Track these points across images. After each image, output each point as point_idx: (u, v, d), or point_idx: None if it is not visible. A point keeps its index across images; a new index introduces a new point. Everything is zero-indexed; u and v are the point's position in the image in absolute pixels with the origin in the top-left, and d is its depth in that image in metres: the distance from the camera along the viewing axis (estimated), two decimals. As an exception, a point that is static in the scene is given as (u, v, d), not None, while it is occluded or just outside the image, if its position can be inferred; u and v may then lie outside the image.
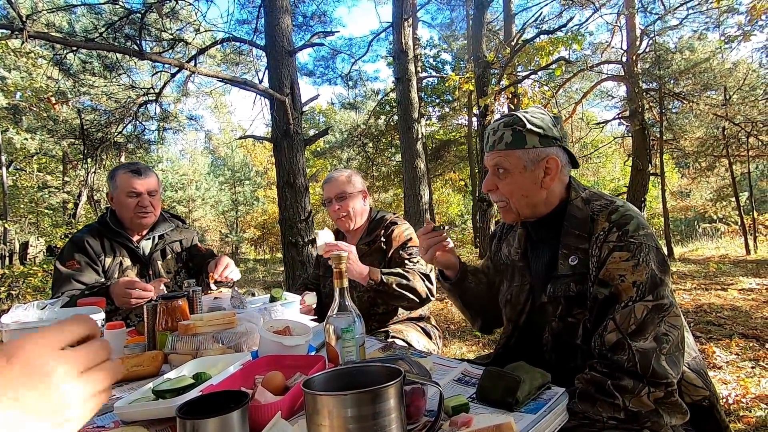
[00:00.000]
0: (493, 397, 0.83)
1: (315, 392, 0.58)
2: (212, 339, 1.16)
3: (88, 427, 0.84)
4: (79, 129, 7.22)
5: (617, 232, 0.98)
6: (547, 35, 7.37)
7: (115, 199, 1.86)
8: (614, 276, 0.95)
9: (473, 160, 13.27)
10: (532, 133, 1.06)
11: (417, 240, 1.84)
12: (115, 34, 4.94)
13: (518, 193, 1.09)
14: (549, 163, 1.07)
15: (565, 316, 1.05)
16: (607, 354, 0.91)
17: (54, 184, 12.54)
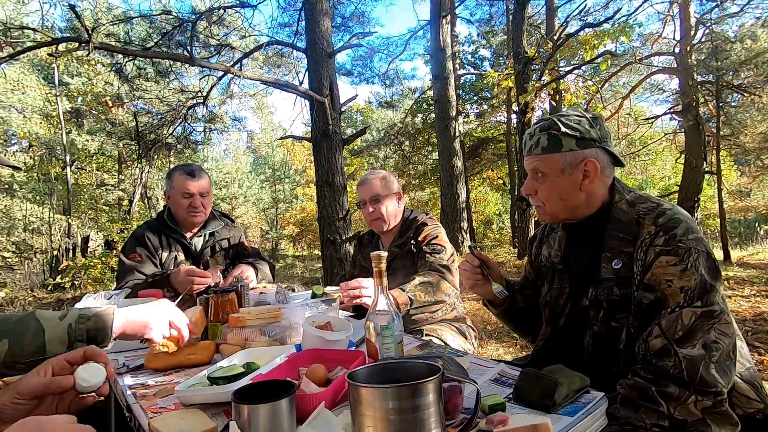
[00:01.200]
0: (530, 398, 0.84)
1: (359, 384, 0.62)
2: (259, 332, 1.24)
3: (152, 407, 0.93)
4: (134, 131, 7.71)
5: (664, 236, 0.96)
6: (591, 28, 7.09)
7: (171, 198, 2.01)
8: (661, 281, 0.94)
9: (512, 158, 12.98)
10: (568, 136, 1.06)
11: (443, 239, 1.85)
12: (168, 42, 5.25)
13: (556, 196, 1.09)
14: (587, 166, 1.06)
15: (608, 320, 1.04)
16: (651, 360, 0.90)
17: (110, 182, 13.44)
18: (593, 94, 8.81)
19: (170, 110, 7.12)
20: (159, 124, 7.10)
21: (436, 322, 1.89)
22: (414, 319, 1.84)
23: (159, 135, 6.90)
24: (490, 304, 1.34)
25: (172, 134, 7.42)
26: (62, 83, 10.90)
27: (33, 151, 12.09)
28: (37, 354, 0.83)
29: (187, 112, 6.86)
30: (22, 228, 11.19)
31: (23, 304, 7.27)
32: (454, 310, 1.94)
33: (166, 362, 1.17)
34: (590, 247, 1.11)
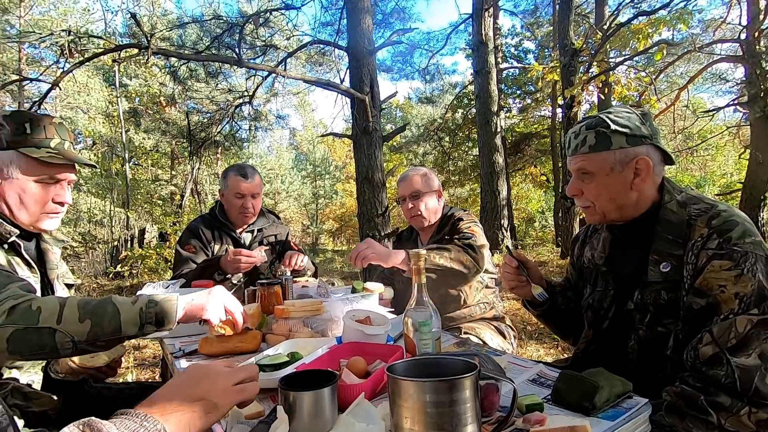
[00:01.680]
0: (569, 400, 0.84)
1: (398, 377, 0.65)
2: (302, 323, 1.30)
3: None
4: (186, 129, 8.15)
5: (718, 239, 0.92)
6: (646, 16, 6.70)
7: (225, 197, 2.14)
8: (713, 286, 0.90)
9: (556, 154, 12.54)
10: (618, 134, 1.02)
11: (475, 229, 1.83)
12: (218, 45, 5.51)
13: (605, 196, 1.05)
14: (639, 164, 1.02)
15: (655, 325, 1.01)
16: (701, 368, 0.87)
17: (164, 177, 14.27)
18: (646, 86, 8.32)
19: (219, 109, 7.48)
20: (208, 123, 7.48)
21: (474, 320, 1.89)
22: (451, 316, 1.85)
23: (208, 133, 7.27)
24: (530, 305, 1.33)
25: (220, 132, 7.78)
26: (122, 85, 11.68)
27: (96, 148, 13.06)
28: (114, 334, 0.94)
29: (234, 110, 7.16)
30: (87, 220, 12.13)
31: (88, 290, 7.90)
32: (493, 308, 1.93)
33: (217, 349, 1.25)
34: (636, 249, 1.08)
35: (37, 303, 0.91)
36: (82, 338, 0.91)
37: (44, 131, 1.18)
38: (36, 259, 1.26)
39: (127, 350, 3.91)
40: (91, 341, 0.92)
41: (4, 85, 6.69)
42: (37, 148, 1.15)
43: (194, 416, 0.65)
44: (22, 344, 0.88)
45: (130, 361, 3.63)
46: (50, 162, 1.16)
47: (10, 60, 11.32)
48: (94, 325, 0.91)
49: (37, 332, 0.88)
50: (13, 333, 0.87)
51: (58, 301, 0.94)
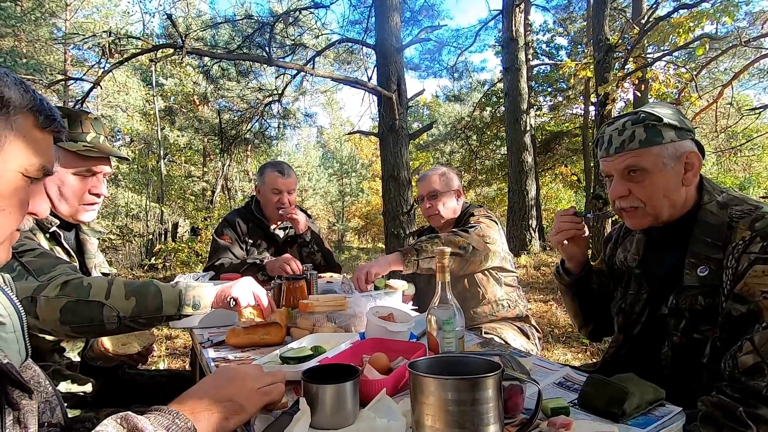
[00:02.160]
0: (596, 405, 0.81)
1: (420, 374, 0.64)
2: (326, 318, 1.31)
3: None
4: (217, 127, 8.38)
5: (762, 242, 0.87)
6: (687, 9, 6.39)
7: (261, 192, 2.20)
8: (755, 292, 0.85)
9: (588, 154, 12.16)
10: (669, 127, 0.98)
11: (483, 220, 1.79)
12: (249, 44, 5.63)
13: (659, 193, 0.99)
14: (690, 158, 0.98)
15: (690, 331, 0.97)
16: (740, 378, 0.83)
17: (196, 174, 14.73)
18: (686, 82, 7.95)
19: (249, 107, 7.65)
20: (239, 121, 7.67)
21: (496, 320, 1.86)
22: (472, 315, 1.83)
23: (239, 131, 7.45)
24: (565, 273, 1.25)
25: (250, 130, 7.96)
26: (158, 84, 12.13)
27: (133, 145, 13.61)
28: (156, 312, 1.01)
29: (264, 108, 7.31)
30: (124, 214, 12.67)
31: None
32: (516, 307, 1.89)
33: (243, 340, 1.28)
34: (672, 252, 1.03)
35: (87, 280, 0.99)
36: (126, 314, 0.97)
37: (81, 126, 1.25)
38: (75, 249, 1.32)
39: (159, 340, 4.07)
40: (134, 317, 0.98)
41: (50, 84, 7.07)
42: (74, 142, 1.22)
43: (222, 416, 0.68)
44: (73, 315, 0.94)
45: (162, 350, 3.77)
46: (87, 155, 1.23)
47: (57, 61, 11.94)
48: (139, 302, 0.98)
49: (87, 305, 0.95)
50: (66, 304, 0.94)
51: (106, 279, 1.02)
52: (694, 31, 6.15)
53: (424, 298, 1.90)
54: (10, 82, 0.56)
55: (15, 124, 0.55)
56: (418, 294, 1.94)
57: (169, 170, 14.25)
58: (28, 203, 0.60)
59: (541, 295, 5.73)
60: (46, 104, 0.59)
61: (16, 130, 0.55)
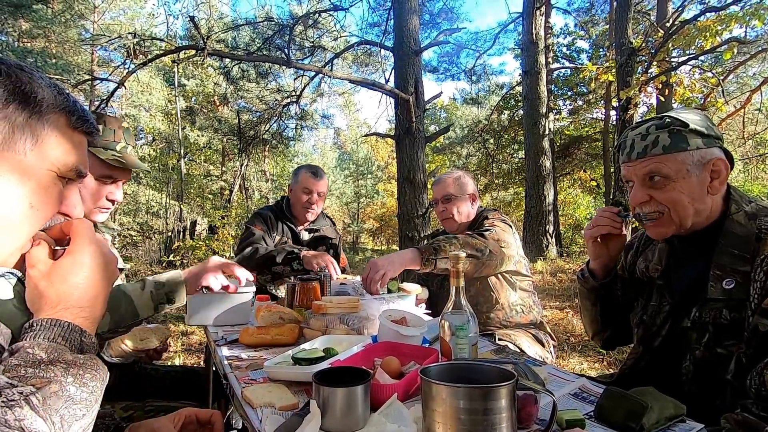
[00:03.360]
0: (613, 418, 0.79)
1: (432, 380, 0.63)
2: (339, 320, 1.31)
3: (245, 377, 1.04)
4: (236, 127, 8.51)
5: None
6: (715, 12, 6.22)
7: (293, 192, 2.27)
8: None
9: (608, 159, 11.93)
10: (695, 133, 0.95)
11: (498, 224, 1.77)
12: (268, 46, 5.71)
13: (684, 200, 0.96)
14: (716, 165, 0.95)
15: (714, 345, 0.93)
16: (767, 396, 0.80)
17: (215, 173, 14.98)
18: (713, 87, 7.73)
19: (267, 108, 7.75)
20: (257, 121, 7.78)
21: (510, 326, 1.83)
22: (485, 320, 1.81)
23: (257, 131, 7.55)
24: (590, 275, 1.22)
25: (268, 131, 8.06)
26: (180, 85, 12.39)
27: (155, 144, 13.93)
28: (133, 318, 1.06)
29: (282, 110, 7.39)
30: (145, 211, 12.96)
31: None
32: (531, 312, 1.86)
33: (256, 340, 1.29)
34: (696, 263, 1.00)
35: None
36: (104, 329, 1.02)
37: (113, 134, 1.29)
38: None
39: (175, 336, 4.14)
40: (113, 329, 1.03)
41: (77, 84, 7.30)
42: (105, 150, 1.25)
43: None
44: None
45: (178, 346, 3.83)
46: (113, 164, 1.26)
47: (84, 61, 12.31)
48: (113, 317, 1.02)
49: None
50: None
51: None
52: (722, 34, 5.98)
53: (437, 301, 1.89)
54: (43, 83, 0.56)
55: (48, 122, 0.56)
56: (430, 298, 1.93)
57: (189, 169, 14.53)
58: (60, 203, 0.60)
59: (557, 302, 5.63)
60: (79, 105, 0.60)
61: (49, 128, 0.56)
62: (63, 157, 0.57)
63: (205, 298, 1.47)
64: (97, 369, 0.53)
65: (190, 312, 1.48)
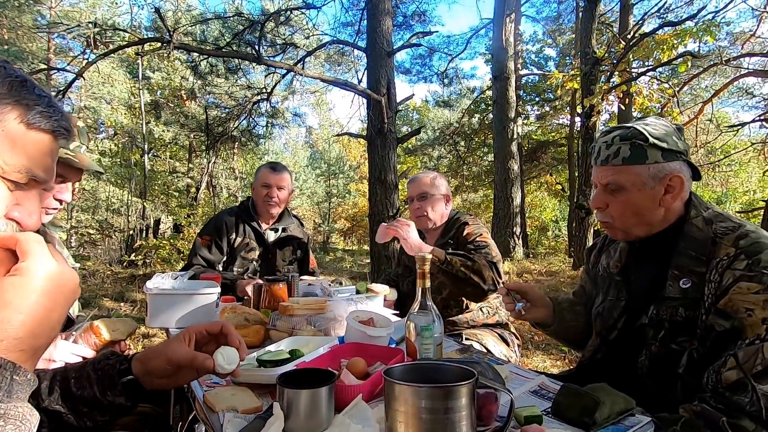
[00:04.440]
0: (569, 414, 0.82)
1: (395, 381, 0.64)
2: (306, 321, 1.30)
3: (207, 381, 1.01)
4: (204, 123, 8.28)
5: (747, 260, 0.89)
6: (671, 27, 6.57)
7: (254, 189, 2.23)
8: (739, 308, 0.87)
9: (573, 163, 12.38)
10: (655, 148, 0.98)
11: (487, 237, 1.85)
12: (238, 42, 5.58)
13: (630, 211, 1.02)
14: (672, 181, 1.00)
15: (669, 342, 0.98)
16: (724, 393, 0.85)
17: (181, 170, 14.48)
18: (669, 97, 8.16)
19: (237, 105, 7.57)
20: (226, 118, 7.58)
21: (476, 326, 1.87)
22: (453, 320, 1.84)
23: (226, 128, 7.36)
24: (539, 326, 1.30)
25: (237, 128, 7.88)
26: (145, 77, 11.91)
27: (117, 138, 13.33)
28: None
29: (252, 107, 7.24)
30: (105, 208, 12.39)
31: (103, 276, 8.06)
32: (496, 314, 1.91)
33: (221, 342, 1.26)
34: (655, 263, 1.05)
35: None
36: None
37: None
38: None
39: (136, 338, 3.98)
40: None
41: (31, 73, 6.88)
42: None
43: None
44: None
45: (139, 348, 3.69)
46: (65, 164, 1.20)
47: (39, 49, 11.63)
48: None
49: None
50: None
51: None
52: (678, 48, 6.33)
53: (408, 302, 1.91)
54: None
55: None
56: (401, 298, 1.95)
57: (153, 165, 13.98)
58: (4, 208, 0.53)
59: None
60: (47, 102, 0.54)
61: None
62: (8, 156, 0.51)
63: (167, 299, 1.43)
64: (23, 420, 0.43)
65: (151, 313, 1.43)
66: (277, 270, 2.17)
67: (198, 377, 0.82)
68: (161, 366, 0.76)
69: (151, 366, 0.77)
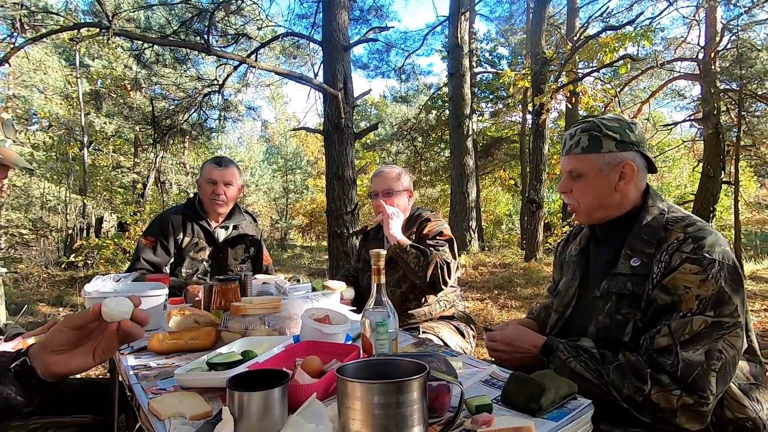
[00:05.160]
0: (516, 401, 0.86)
1: (347, 378, 0.64)
2: (259, 321, 1.27)
3: (153, 388, 0.96)
4: (150, 116, 7.83)
5: (693, 244, 1.00)
6: (613, 31, 6.97)
7: (200, 186, 2.11)
8: (680, 286, 0.97)
9: (524, 159, 12.88)
10: (609, 138, 1.10)
11: (447, 234, 1.91)
12: (186, 30, 5.30)
13: (590, 195, 1.13)
14: (625, 168, 1.10)
15: (615, 313, 1.08)
16: (653, 354, 0.96)
17: (126, 165, 13.64)
18: (611, 97, 8.67)
19: (186, 97, 7.21)
20: (175, 110, 7.20)
21: (433, 319, 1.91)
22: (411, 314, 1.87)
23: (174, 121, 7.00)
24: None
25: (187, 121, 7.52)
26: (83, 65, 11.06)
27: (52, 130, 12.31)
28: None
29: (203, 99, 6.94)
30: (39, 206, 11.45)
31: (38, 280, 7.47)
32: (453, 307, 1.96)
33: (168, 346, 1.21)
34: (613, 244, 1.16)
35: None
36: None
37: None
38: None
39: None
40: None
41: (-52, 57, 6.19)
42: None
43: None
44: None
45: (80, 356, 3.45)
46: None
47: (-43, 31, 10.49)
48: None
49: None
50: None
51: None
52: (619, 51, 6.73)
53: (368, 298, 1.91)
54: None
55: None
56: (360, 294, 1.95)
57: (95, 159, 13.06)
58: None
59: (478, 294, 5.98)
60: None
61: None
62: None
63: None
64: None
65: (89, 319, 1.34)
66: (229, 269, 2.09)
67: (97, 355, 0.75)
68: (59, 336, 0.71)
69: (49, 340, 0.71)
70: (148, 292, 1.41)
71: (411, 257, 1.75)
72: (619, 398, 0.95)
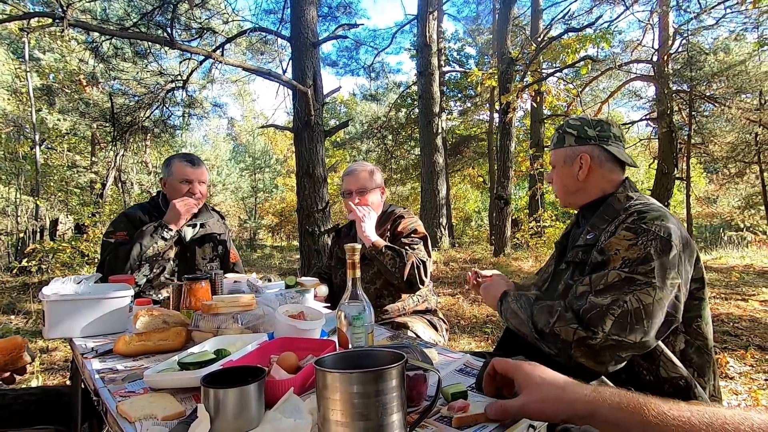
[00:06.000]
0: (490, 387, 0.88)
1: (326, 369, 0.64)
2: (232, 319, 1.24)
3: (121, 391, 0.93)
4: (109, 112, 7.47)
5: (635, 216, 1.09)
6: (574, 32, 7.23)
7: (168, 185, 2.02)
8: (612, 248, 1.07)
9: (492, 157, 13.17)
10: (569, 134, 1.27)
11: (421, 232, 1.93)
12: (147, 23, 5.08)
13: (560, 183, 1.30)
14: (582, 160, 1.24)
15: (569, 279, 1.19)
16: (572, 299, 1.07)
17: (83, 164, 12.95)
18: (573, 97, 8.99)
19: (148, 93, 6.92)
20: (136, 107, 6.89)
21: (407, 314, 1.93)
22: (385, 309, 1.88)
23: (135, 118, 6.70)
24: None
25: (149, 117, 7.22)
26: (33, 58, 10.42)
27: (-1, 128, 11.54)
28: None
29: (166, 95, 6.68)
30: (-14, 208, 10.70)
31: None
32: (426, 302, 1.99)
33: (135, 348, 1.16)
34: (585, 225, 1.27)
35: None
36: None
37: None
38: None
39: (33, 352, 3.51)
40: None
41: None
42: None
43: None
44: None
45: (36, 366, 3.27)
46: None
47: None
48: None
49: None
50: None
51: None
52: (580, 52, 6.99)
53: (341, 295, 1.90)
54: None
55: None
56: (334, 290, 1.94)
57: (48, 159, 12.33)
58: None
59: (449, 290, 6.07)
60: None
61: None
62: None
63: (69, 305, 1.28)
64: None
65: (49, 323, 1.28)
66: (197, 269, 2.03)
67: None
68: None
69: None
70: (111, 294, 1.35)
71: (387, 258, 1.76)
72: (534, 330, 1.07)
